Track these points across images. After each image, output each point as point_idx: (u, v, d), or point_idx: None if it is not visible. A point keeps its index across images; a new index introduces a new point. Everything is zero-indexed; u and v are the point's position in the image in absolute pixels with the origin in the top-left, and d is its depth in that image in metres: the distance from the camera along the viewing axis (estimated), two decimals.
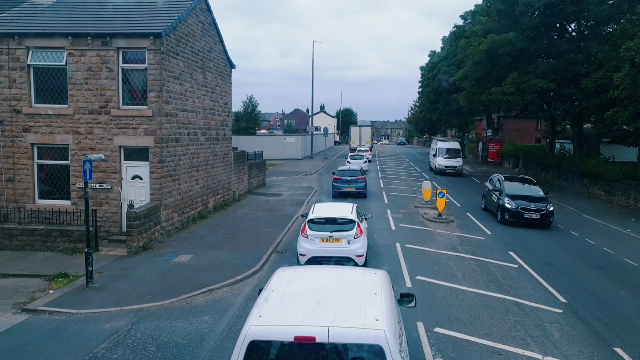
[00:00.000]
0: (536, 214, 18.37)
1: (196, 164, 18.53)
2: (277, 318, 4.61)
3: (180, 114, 16.83)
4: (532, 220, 18.35)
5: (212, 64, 20.20)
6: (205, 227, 17.45)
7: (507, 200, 19.01)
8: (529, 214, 18.42)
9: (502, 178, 20.86)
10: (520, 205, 18.56)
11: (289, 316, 4.67)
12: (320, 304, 4.94)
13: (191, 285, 11.26)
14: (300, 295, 5.26)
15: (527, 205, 18.60)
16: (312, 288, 5.53)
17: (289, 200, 23.98)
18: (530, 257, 14.28)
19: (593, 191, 27.93)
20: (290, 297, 5.14)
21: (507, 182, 20.49)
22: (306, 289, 5.49)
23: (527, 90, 27.93)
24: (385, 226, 18.02)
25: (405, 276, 12.11)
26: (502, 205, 19.02)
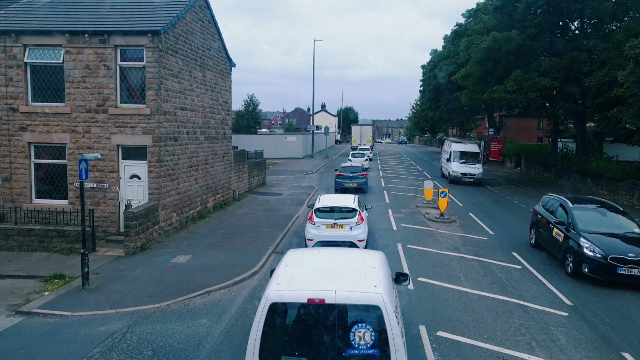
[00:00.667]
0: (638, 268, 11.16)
1: (195, 163, 18.32)
2: (292, 285, 5.46)
3: (179, 113, 16.62)
4: (630, 277, 11.24)
5: (212, 62, 19.98)
6: (204, 227, 17.24)
7: (585, 242, 12.01)
8: (626, 269, 11.21)
9: (569, 203, 13.77)
10: (610, 254, 11.45)
11: (302, 283, 5.56)
12: (328, 275, 5.89)
13: (189, 286, 11.06)
14: (310, 269, 6.26)
15: (623, 251, 11.46)
16: (320, 263, 6.55)
17: (289, 200, 23.77)
18: (534, 258, 14.04)
19: (596, 190, 27.67)
20: (302, 270, 6.12)
21: (576, 209, 13.39)
22: (315, 264, 6.51)
23: (530, 88, 27.64)
24: (387, 226, 17.80)
25: None
26: (578, 251, 12.07)
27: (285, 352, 5.15)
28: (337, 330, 5.10)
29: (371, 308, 5.14)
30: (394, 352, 5.01)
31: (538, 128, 62.45)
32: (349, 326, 5.11)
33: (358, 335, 5.07)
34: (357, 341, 5.07)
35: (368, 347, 5.06)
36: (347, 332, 5.09)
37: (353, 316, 5.14)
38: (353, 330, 5.08)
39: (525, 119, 58.40)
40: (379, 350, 5.04)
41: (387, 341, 5.04)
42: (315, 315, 5.16)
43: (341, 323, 5.11)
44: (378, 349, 5.04)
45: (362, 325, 5.10)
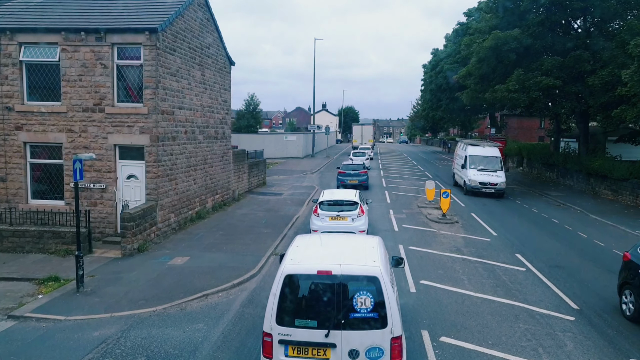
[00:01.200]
0: None
1: (194, 163, 18.08)
2: (304, 260, 6.45)
3: (177, 112, 16.37)
4: None
5: (211, 61, 19.73)
6: (203, 228, 17.00)
7: None
8: None
9: None
10: None
11: (312, 259, 6.56)
12: (334, 253, 6.88)
13: (186, 289, 10.81)
14: (318, 248, 7.29)
15: None
16: (326, 244, 7.58)
17: (289, 200, 23.52)
18: (537, 260, 13.79)
19: (599, 190, 27.39)
20: (311, 249, 7.10)
21: None
22: (322, 245, 7.52)
23: (532, 87, 27.35)
24: (388, 227, 17.54)
25: (409, 280, 11.64)
26: None
27: (298, 316, 6.02)
28: (342, 297, 5.95)
29: (370, 279, 6.02)
30: (390, 315, 5.90)
31: (539, 127, 62.20)
32: (352, 294, 5.96)
33: (360, 302, 5.93)
34: (359, 306, 5.93)
35: (368, 311, 5.92)
36: (350, 299, 5.95)
37: (355, 286, 5.99)
38: (355, 297, 5.94)
39: (527, 119, 58.09)
40: (377, 314, 5.91)
41: (384, 306, 5.90)
42: (323, 285, 6.06)
43: (345, 291, 5.97)
44: (376, 312, 5.91)
45: (363, 293, 5.94)
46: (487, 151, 27.53)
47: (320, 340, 5.89)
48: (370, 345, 5.88)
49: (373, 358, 5.89)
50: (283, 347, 5.98)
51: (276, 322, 6.00)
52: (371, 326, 5.91)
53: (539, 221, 19.78)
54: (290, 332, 5.95)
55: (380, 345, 5.87)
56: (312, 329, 5.92)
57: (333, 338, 5.88)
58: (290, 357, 5.98)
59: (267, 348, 6.05)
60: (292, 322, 5.97)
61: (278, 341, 5.98)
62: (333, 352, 5.90)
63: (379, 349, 5.87)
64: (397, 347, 5.91)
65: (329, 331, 5.87)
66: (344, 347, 5.88)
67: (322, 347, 5.91)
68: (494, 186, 25.47)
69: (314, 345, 5.93)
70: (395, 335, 5.89)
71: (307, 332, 5.92)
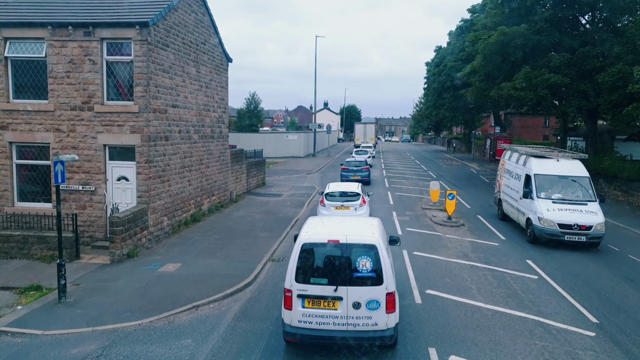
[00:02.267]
0: None
1: (189, 164, 17.37)
2: (317, 233, 7.85)
3: (170, 110, 15.66)
4: None
5: (207, 57, 19.00)
6: (197, 232, 16.29)
7: None
8: None
9: None
10: None
11: (323, 232, 7.90)
12: (340, 227, 8.20)
13: (175, 300, 10.10)
14: (328, 225, 8.57)
15: None
16: (335, 222, 9.02)
17: (289, 201, 22.79)
18: (549, 266, 13.03)
19: (609, 191, 26.57)
20: (322, 226, 8.42)
21: None
22: (331, 223, 8.90)
23: (540, 85, 26.54)
24: (391, 230, 16.78)
25: (414, 290, 10.89)
26: None
27: (313, 275, 7.40)
28: (347, 260, 7.36)
29: (370, 246, 7.41)
30: (385, 275, 7.31)
31: (544, 126, 61.25)
32: (355, 258, 7.33)
33: (361, 264, 7.33)
34: (361, 268, 7.32)
35: (368, 271, 7.31)
36: (354, 262, 7.33)
37: (358, 252, 7.36)
38: (358, 261, 7.33)
39: (531, 117, 57.15)
40: (375, 274, 7.30)
41: (381, 268, 7.31)
42: (332, 251, 7.43)
43: (350, 256, 7.36)
44: (374, 273, 7.31)
45: (364, 257, 7.33)
46: (565, 167, 16.41)
47: (330, 294, 7.31)
48: (370, 298, 7.29)
49: (372, 309, 7.28)
50: (300, 300, 7.41)
51: (295, 280, 7.41)
52: (370, 283, 7.32)
53: None
54: (306, 288, 7.37)
55: (378, 298, 7.29)
56: (324, 286, 7.33)
57: (340, 292, 7.30)
58: (306, 308, 7.40)
59: (287, 301, 7.48)
60: (307, 280, 7.39)
61: (297, 295, 7.42)
62: (340, 303, 7.32)
63: (377, 301, 7.29)
64: (391, 300, 7.34)
65: (337, 287, 7.28)
66: (349, 299, 7.30)
67: (331, 299, 7.33)
68: (586, 231, 14.57)
69: (325, 298, 7.33)
70: (389, 291, 7.33)
71: (319, 288, 7.34)
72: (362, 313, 7.28)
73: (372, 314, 7.27)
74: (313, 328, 7.37)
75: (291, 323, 7.46)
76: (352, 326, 7.32)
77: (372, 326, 7.31)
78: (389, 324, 7.33)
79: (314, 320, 7.36)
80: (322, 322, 7.35)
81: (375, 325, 7.30)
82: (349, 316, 7.30)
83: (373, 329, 7.31)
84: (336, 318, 7.31)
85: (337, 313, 7.30)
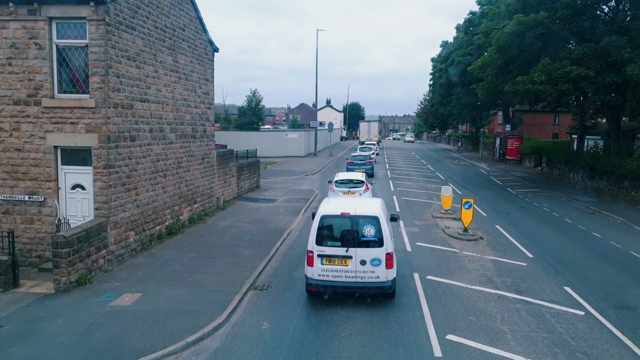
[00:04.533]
0: None
1: (163, 168, 14.98)
2: (332, 207, 10.10)
3: (138, 105, 13.27)
4: None
5: (187, 45, 16.59)
6: (171, 248, 13.90)
7: None
8: None
9: None
10: None
11: (337, 207, 10.07)
12: (350, 204, 10.23)
13: (120, 352, 7.72)
14: (340, 202, 10.93)
15: None
16: (345, 201, 11.37)
17: (282, 208, 20.39)
18: (594, 296, 10.59)
19: (636, 196, 24.03)
20: (336, 203, 10.72)
21: None
22: (343, 200, 11.62)
23: (561, 78, 24.01)
24: (399, 245, 14.36)
25: (431, 334, 8.49)
26: None
27: (329, 240, 9.59)
28: (355, 228, 9.55)
29: (373, 217, 9.60)
30: (385, 240, 9.42)
31: (554, 124, 58.63)
32: (361, 226, 9.53)
33: (367, 230, 9.48)
34: (366, 233, 9.47)
35: (372, 236, 9.46)
36: (361, 229, 9.52)
37: (364, 221, 9.56)
38: (364, 228, 9.50)
39: (541, 115, 54.56)
40: (377, 238, 9.43)
41: (382, 234, 9.45)
42: (344, 221, 9.67)
43: (358, 224, 9.56)
44: (377, 237, 9.44)
45: (368, 225, 9.49)
46: None
47: (343, 254, 9.36)
48: (373, 257, 9.29)
49: (375, 265, 9.28)
50: (320, 259, 9.42)
51: (315, 243, 9.46)
52: (373, 245, 9.34)
53: (578, 235, 16.53)
54: (324, 249, 9.42)
55: (379, 257, 9.30)
56: (338, 247, 9.42)
57: (350, 252, 9.35)
58: (324, 265, 9.43)
59: (310, 260, 9.52)
60: (325, 243, 9.47)
61: (317, 255, 9.43)
62: (351, 261, 9.33)
63: (379, 259, 9.29)
64: (389, 259, 9.31)
65: (348, 248, 9.36)
66: (357, 258, 9.32)
67: (343, 258, 9.36)
68: None
69: (339, 257, 9.37)
70: (388, 252, 9.33)
71: (334, 249, 9.42)
72: (368, 268, 9.34)
73: (375, 269, 9.33)
74: (330, 280, 9.46)
75: (313, 277, 9.53)
76: (360, 279, 9.38)
77: (375, 279, 9.34)
78: (388, 277, 9.38)
79: (330, 274, 9.46)
80: (336, 276, 9.44)
81: (377, 278, 9.34)
82: (357, 271, 9.37)
83: (376, 281, 9.35)
84: (347, 272, 9.41)
85: (348, 268, 9.41)
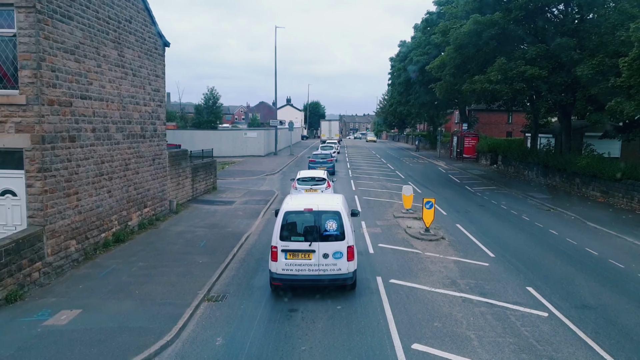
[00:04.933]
0: None
1: (109, 170, 13.90)
2: (295, 204, 10.43)
3: (78, 102, 12.18)
4: None
5: (134, 39, 15.52)
6: (118, 256, 12.88)
7: None
8: None
9: None
10: None
11: (300, 203, 10.40)
12: (313, 200, 10.67)
13: None
14: (303, 199, 11.28)
15: None
16: (308, 197, 12.16)
17: (241, 211, 19.59)
18: (556, 296, 10.53)
19: (587, 192, 24.84)
20: (299, 199, 11.03)
21: None
22: (305, 197, 12.23)
23: (516, 78, 24.46)
24: (361, 247, 13.95)
25: (396, 342, 8.06)
26: None
27: (292, 235, 9.91)
28: (318, 223, 9.89)
29: (335, 212, 10.00)
30: (346, 234, 9.83)
31: (507, 123, 60.49)
32: (324, 221, 9.89)
33: (329, 225, 9.87)
34: (328, 228, 9.87)
35: (334, 230, 9.86)
36: (323, 223, 9.88)
37: (326, 216, 9.92)
38: (326, 223, 9.87)
39: (495, 114, 56.04)
40: (339, 232, 9.83)
41: (343, 228, 9.87)
42: (307, 216, 9.97)
43: (320, 220, 9.91)
44: (339, 231, 9.84)
45: (331, 220, 9.88)
46: None
47: (306, 248, 9.79)
48: (335, 250, 9.78)
49: (337, 258, 9.77)
50: (284, 254, 9.81)
51: (279, 239, 9.85)
52: (335, 239, 9.83)
53: (536, 233, 16.71)
54: (288, 244, 9.83)
55: (341, 250, 9.79)
56: (301, 242, 9.85)
57: (313, 247, 9.79)
58: (288, 259, 9.81)
59: (274, 255, 9.84)
60: (289, 238, 9.89)
61: (281, 250, 9.81)
62: (314, 255, 9.78)
63: (340, 252, 9.79)
64: (350, 251, 9.85)
65: (311, 243, 9.81)
66: (320, 251, 9.78)
67: (307, 252, 9.80)
68: None
69: (302, 251, 9.80)
70: (349, 245, 9.85)
71: (298, 244, 9.84)
72: (330, 261, 9.71)
73: (337, 262, 9.71)
74: (293, 274, 9.75)
75: (277, 271, 9.80)
76: (323, 271, 9.73)
77: (337, 271, 9.74)
78: (349, 269, 9.81)
79: (294, 268, 9.74)
80: (300, 269, 9.74)
81: (340, 270, 9.74)
82: (320, 264, 9.72)
83: (338, 273, 9.74)
84: (310, 266, 9.73)
85: (311, 262, 9.73)
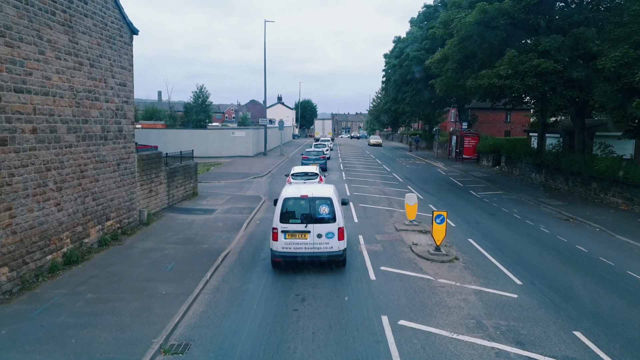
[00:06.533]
0: None
1: (57, 179, 11.47)
2: (293, 191, 12.22)
3: (10, 97, 9.74)
4: None
5: (91, 23, 13.07)
6: (65, 285, 10.45)
7: None
8: None
9: None
10: None
11: (297, 191, 12.20)
12: (308, 189, 12.57)
13: None
14: (299, 188, 13.09)
15: None
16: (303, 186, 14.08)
17: (221, 221, 17.20)
18: (616, 344, 8.29)
19: (606, 198, 22.70)
20: (296, 188, 12.84)
21: None
22: (302, 186, 14.20)
23: (528, 72, 22.25)
24: (360, 273, 11.66)
25: None
26: None
27: (290, 218, 11.53)
28: (313, 208, 11.57)
29: (327, 199, 11.67)
30: (337, 217, 11.52)
31: (505, 121, 58.67)
32: (317, 206, 11.58)
33: (322, 209, 11.54)
34: (321, 212, 11.53)
35: (327, 214, 11.52)
36: (317, 208, 11.56)
37: (319, 202, 11.59)
38: (319, 207, 11.56)
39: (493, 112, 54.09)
40: (331, 215, 11.50)
41: (335, 212, 11.54)
42: (303, 202, 11.65)
43: (314, 205, 11.58)
44: (330, 214, 11.51)
45: (324, 205, 11.57)
46: None
47: (302, 229, 11.43)
48: (328, 231, 11.41)
49: (329, 237, 11.41)
50: (283, 234, 11.42)
51: (280, 221, 11.44)
52: (328, 221, 11.47)
53: (562, 250, 14.45)
54: (287, 226, 11.45)
55: (332, 231, 11.41)
56: (298, 224, 11.48)
57: (309, 228, 11.41)
58: (287, 239, 11.43)
59: (275, 235, 11.43)
60: (288, 220, 11.49)
61: (281, 231, 11.40)
62: (309, 235, 11.41)
63: (332, 232, 11.41)
64: (341, 232, 11.45)
65: (306, 224, 11.42)
66: (315, 232, 11.39)
67: (303, 232, 11.42)
68: None
69: (299, 232, 11.42)
70: (339, 226, 11.46)
71: (295, 225, 11.47)
72: (323, 240, 11.42)
73: (329, 241, 11.43)
74: (292, 251, 11.49)
75: (277, 250, 11.48)
76: (317, 249, 11.46)
77: (329, 249, 11.46)
78: (340, 247, 11.52)
79: (292, 246, 11.46)
80: (297, 248, 11.47)
81: (331, 248, 11.47)
82: (314, 243, 11.41)
83: (330, 250, 11.47)
84: (306, 244, 11.44)
85: (307, 241, 11.44)
